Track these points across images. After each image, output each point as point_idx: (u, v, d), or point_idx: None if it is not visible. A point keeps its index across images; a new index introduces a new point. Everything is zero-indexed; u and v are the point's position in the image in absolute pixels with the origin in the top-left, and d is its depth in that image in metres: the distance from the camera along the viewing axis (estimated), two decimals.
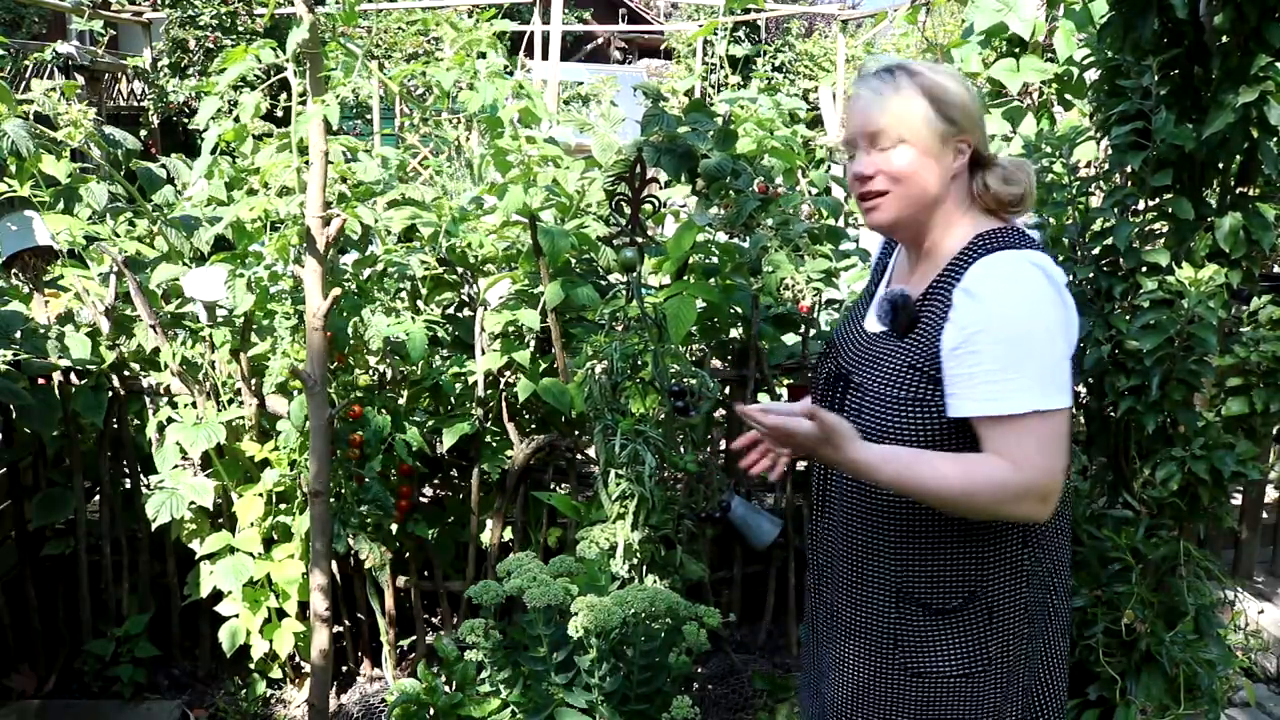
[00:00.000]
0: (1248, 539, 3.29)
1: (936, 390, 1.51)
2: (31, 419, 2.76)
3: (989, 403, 1.45)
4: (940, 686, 1.62)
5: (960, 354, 1.48)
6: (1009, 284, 1.49)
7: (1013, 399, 1.44)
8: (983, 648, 1.61)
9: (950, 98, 1.55)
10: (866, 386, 1.60)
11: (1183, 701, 2.36)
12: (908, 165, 1.55)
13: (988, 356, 1.45)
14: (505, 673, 2.19)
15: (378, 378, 2.91)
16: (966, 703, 1.63)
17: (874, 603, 1.65)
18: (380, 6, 10.40)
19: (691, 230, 3.07)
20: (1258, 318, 2.89)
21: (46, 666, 2.98)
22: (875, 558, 1.63)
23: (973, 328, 1.47)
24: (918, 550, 1.59)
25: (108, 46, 10.39)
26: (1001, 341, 1.45)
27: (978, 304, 1.48)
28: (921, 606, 1.61)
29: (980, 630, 1.61)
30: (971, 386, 1.47)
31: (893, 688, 1.65)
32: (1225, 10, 2.23)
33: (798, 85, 15.42)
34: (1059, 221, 2.52)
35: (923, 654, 1.62)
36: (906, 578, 1.61)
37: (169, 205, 3.37)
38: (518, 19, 10.55)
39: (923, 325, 1.55)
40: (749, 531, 2.91)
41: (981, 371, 1.46)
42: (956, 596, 1.60)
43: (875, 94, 1.56)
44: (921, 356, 1.53)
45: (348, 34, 2.50)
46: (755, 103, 3.67)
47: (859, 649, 1.67)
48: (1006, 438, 1.46)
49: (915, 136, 1.54)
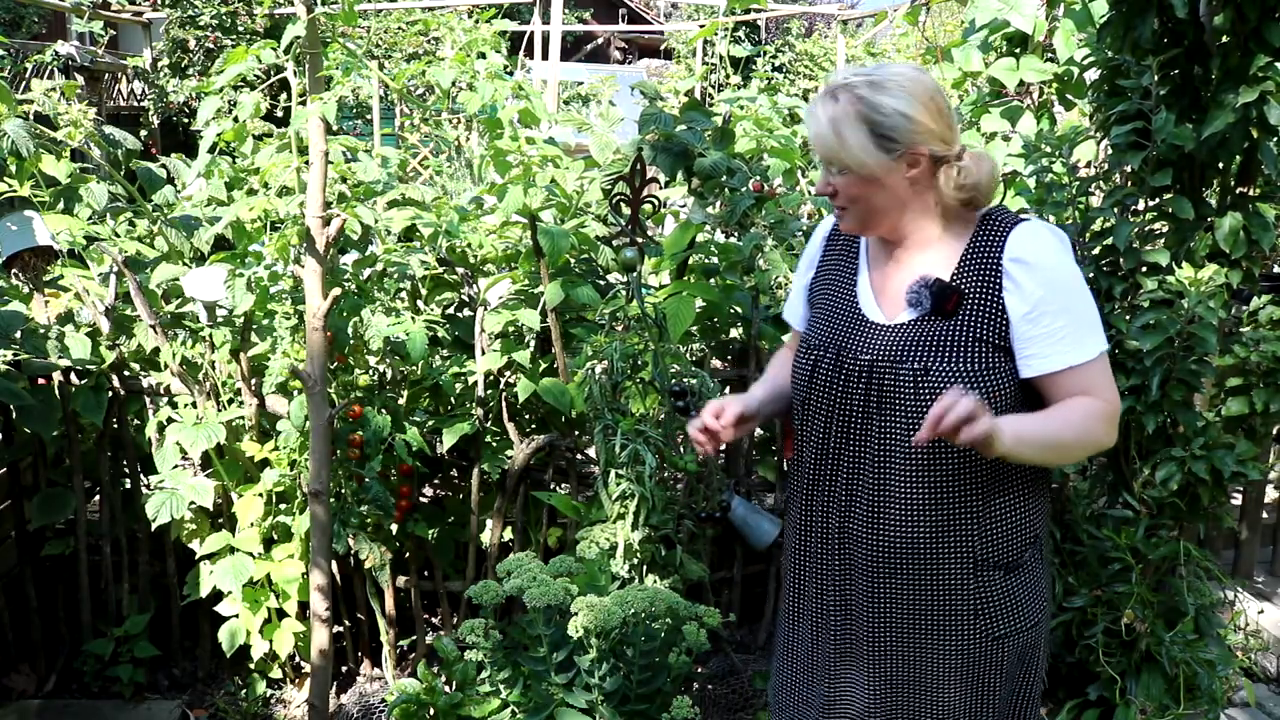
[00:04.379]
0: (1248, 539, 3.28)
1: (1005, 358, 1.61)
2: (31, 419, 2.76)
3: (1073, 352, 1.59)
4: (1018, 644, 1.72)
5: (1034, 316, 1.58)
6: (1051, 248, 1.61)
7: (1089, 346, 1.60)
8: (1041, 598, 1.75)
9: (888, 120, 1.57)
10: (928, 373, 1.60)
11: (1183, 701, 2.37)
12: (856, 190, 1.64)
13: (1056, 315, 1.58)
14: (505, 673, 2.19)
15: (378, 378, 2.91)
16: (1036, 654, 1.77)
17: (949, 581, 1.68)
18: (380, 6, 10.40)
19: (690, 229, 3.07)
20: (1258, 318, 2.89)
21: (46, 666, 2.98)
22: (951, 533, 1.66)
23: (1037, 293, 1.58)
24: (997, 511, 1.67)
25: (108, 46, 10.40)
26: (1066, 298, 1.59)
27: (1034, 272, 1.59)
28: (999, 569, 1.68)
29: (1038, 580, 1.74)
30: (1053, 344, 1.59)
31: (982, 657, 1.70)
32: (1225, 10, 2.23)
33: (798, 85, 15.41)
34: (1059, 221, 2.52)
35: (1002, 616, 1.70)
36: (984, 542, 1.67)
37: (169, 205, 3.37)
38: (518, 19, 10.55)
39: (974, 301, 1.61)
40: (749, 531, 2.91)
41: (1059, 328, 1.58)
42: (1025, 549, 1.71)
43: (818, 123, 1.61)
44: (986, 329, 1.60)
45: (348, 34, 2.50)
46: (755, 102, 3.67)
47: (935, 637, 1.70)
48: (1089, 378, 1.60)
49: (855, 165, 1.61)
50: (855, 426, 1.69)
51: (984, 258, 1.62)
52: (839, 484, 1.72)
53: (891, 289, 1.71)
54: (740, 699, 2.98)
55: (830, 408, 1.71)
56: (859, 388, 1.67)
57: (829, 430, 1.72)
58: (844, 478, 1.71)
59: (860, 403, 1.67)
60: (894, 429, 1.64)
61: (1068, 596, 2.55)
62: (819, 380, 1.72)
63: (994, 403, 1.59)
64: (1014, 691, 1.77)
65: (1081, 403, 1.60)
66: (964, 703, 1.73)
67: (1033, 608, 1.73)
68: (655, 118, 2.95)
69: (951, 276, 1.63)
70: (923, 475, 1.64)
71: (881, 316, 1.69)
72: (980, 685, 1.72)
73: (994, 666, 1.72)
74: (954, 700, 1.73)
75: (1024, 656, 1.75)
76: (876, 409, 1.65)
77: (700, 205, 3.03)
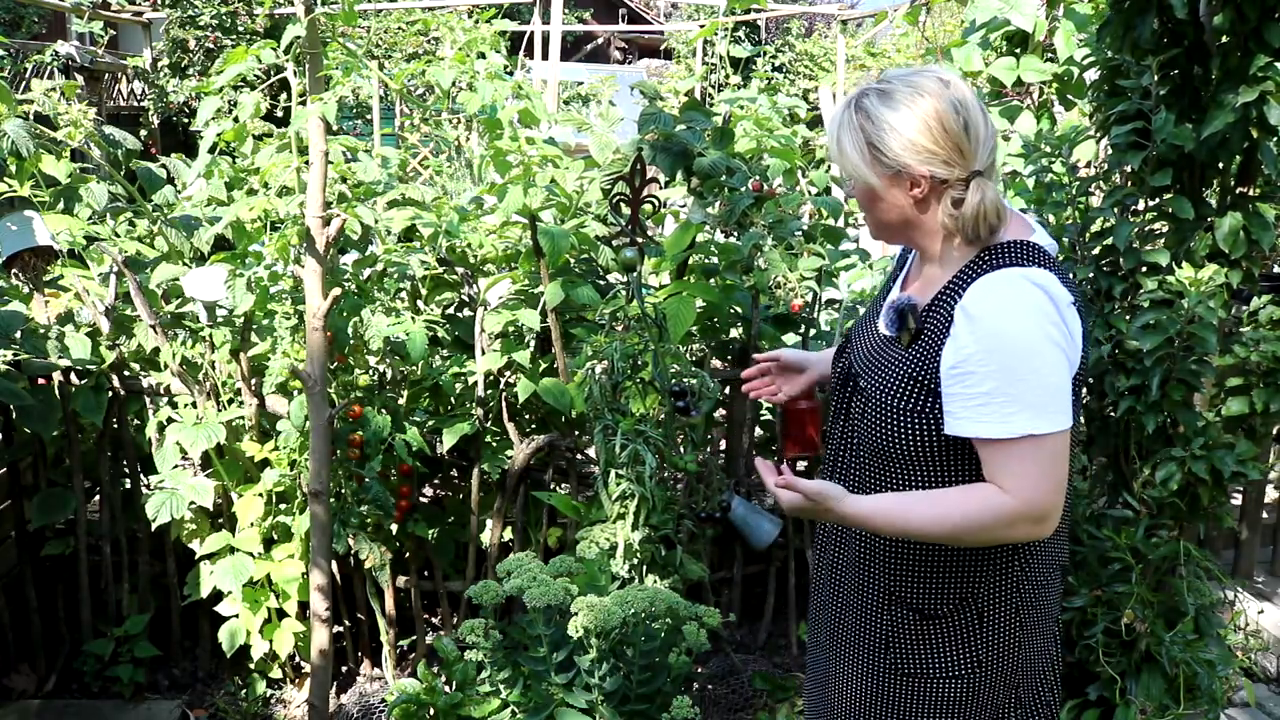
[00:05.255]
0: (1248, 539, 3.28)
1: (936, 403, 1.51)
2: (31, 419, 2.76)
3: (982, 425, 1.45)
4: (932, 688, 1.64)
5: (957, 374, 1.47)
6: (1006, 305, 1.46)
7: (1006, 423, 1.43)
8: (973, 652, 1.62)
9: (882, 136, 1.49)
10: (870, 392, 1.61)
11: (1183, 701, 2.36)
12: (862, 199, 1.60)
13: (983, 379, 1.44)
14: (505, 673, 2.19)
15: (378, 378, 2.91)
16: (958, 706, 1.64)
17: (868, 607, 1.67)
18: (380, 6, 10.40)
19: (690, 229, 3.07)
20: (1258, 318, 2.89)
21: (46, 666, 2.98)
22: (869, 564, 1.66)
23: (969, 349, 1.46)
24: (909, 558, 1.62)
25: (108, 46, 10.39)
26: (997, 365, 1.43)
27: (974, 325, 1.46)
28: (913, 611, 1.63)
29: (971, 635, 1.62)
30: (966, 408, 1.46)
31: (886, 689, 1.67)
32: (1225, 10, 2.23)
33: (798, 85, 15.42)
34: (1059, 221, 2.52)
35: (913, 656, 1.64)
36: (898, 583, 1.63)
37: (169, 205, 3.37)
38: (518, 19, 10.55)
39: (926, 337, 1.54)
40: (749, 531, 2.91)
41: (976, 393, 1.45)
42: (947, 602, 1.61)
43: (829, 127, 1.60)
44: (922, 369, 1.53)
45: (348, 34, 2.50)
46: (755, 103, 3.66)
47: (853, 651, 1.71)
48: (1001, 461, 1.46)
49: (859, 177, 1.56)
50: (839, 433, 1.73)
51: (949, 297, 1.51)
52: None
53: None
54: (740, 699, 2.98)
55: (835, 411, 1.76)
56: (840, 393, 1.73)
57: (832, 432, 1.77)
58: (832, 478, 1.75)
59: (844, 411, 1.72)
60: (854, 442, 1.67)
61: (1067, 596, 2.55)
62: (836, 384, 1.77)
63: (919, 444, 1.53)
64: None
65: (981, 492, 1.48)
66: None
67: (958, 659, 1.62)
68: (655, 117, 2.95)
69: (927, 305, 1.56)
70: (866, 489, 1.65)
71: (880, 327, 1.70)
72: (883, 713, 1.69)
73: (899, 703, 1.66)
74: None
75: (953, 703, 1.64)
76: (846, 418, 1.70)
77: (700, 205, 3.03)
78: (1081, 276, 2.48)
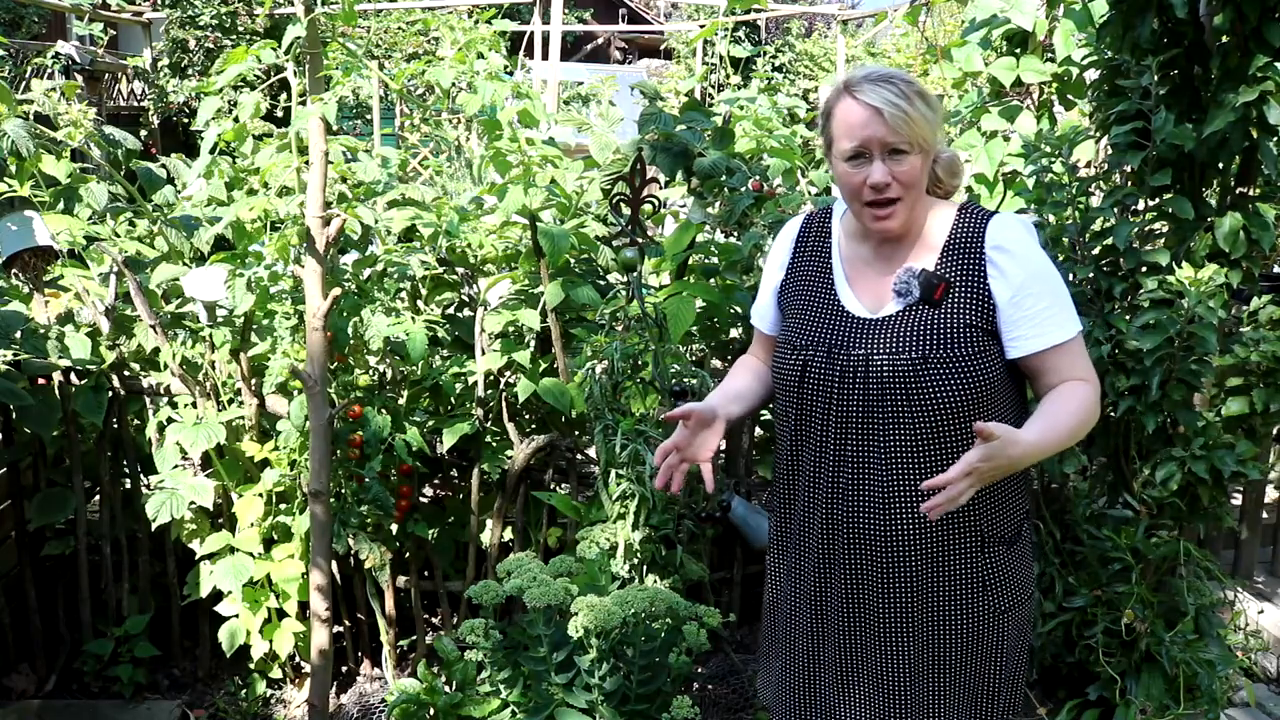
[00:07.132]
0: (1248, 539, 3.28)
1: (992, 342, 1.68)
2: (31, 419, 2.76)
3: (1057, 331, 1.68)
4: (1021, 616, 1.81)
5: (1018, 300, 1.67)
6: (1024, 237, 1.71)
7: (1068, 325, 1.69)
8: (1031, 571, 1.85)
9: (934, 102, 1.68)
10: (929, 358, 1.65)
11: (1183, 701, 2.37)
12: (918, 172, 1.68)
13: (1039, 298, 1.67)
14: (505, 673, 2.19)
15: (378, 378, 2.91)
16: (1030, 627, 1.89)
17: (960, 559, 1.74)
18: (380, 6, 10.40)
19: (690, 229, 3.07)
20: (1258, 318, 2.89)
21: (46, 666, 2.98)
22: (959, 512, 1.69)
23: (1019, 277, 1.67)
24: (1000, 488, 1.73)
25: (108, 47, 10.39)
26: (1045, 282, 1.68)
27: (1014, 258, 1.68)
28: (1001, 543, 1.76)
29: (1028, 555, 1.83)
30: (1038, 325, 1.67)
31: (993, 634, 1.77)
32: (1225, 10, 2.23)
33: (798, 85, 15.42)
34: (1059, 221, 2.52)
35: (1006, 589, 1.77)
36: (989, 519, 1.74)
37: (169, 205, 3.37)
38: (518, 19, 10.54)
39: (960, 289, 1.68)
40: (749, 531, 2.91)
41: (1042, 309, 1.67)
42: (1023, 521, 1.81)
43: (894, 107, 1.63)
44: (975, 315, 1.67)
45: (348, 34, 2.50)
46: (755, 103, 3.67)
47: (946, 621, 1.75)
48: (1070, 359, 1.69)
49: (928, 144, 1.67)
50: (855, 420, 1.70)
51: (966, 247, 1.70)
52: (843, 478, 1.73)
53: (871, 283, 1.75)
54: (740, 699, 2.98)
55: (826, 405, 1.72)
56: (856, 382, 1.69)
57: (826, 427, 1.73)
58: (849, 472, 1.72)
59: (859, 396, 1.69)
60: (896, 418, 1.67)
61: (1068, 596, 2.55)
62: (811, 379, 1.74)
63: (985, 386, 1.67)
64: (1014, 666, 1.83)
65: (1074, 390, 1.68)
66: (972, 677, 1.80)
67: (1027, 578, 1.83)
68: (655, 118, 2.95)
69: (936, 266, 1.70)
70: (929, 460, 1.67)
71: (865, 311, 1.73)
72: (986, 659, 1.79)
73: (999, 640, 1.79)
74: (963, 675, 1.79)
75: (1020, 629, 1.83)
76: (877, 401, 1.68)
77: (700, 205, 3.03)
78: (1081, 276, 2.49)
